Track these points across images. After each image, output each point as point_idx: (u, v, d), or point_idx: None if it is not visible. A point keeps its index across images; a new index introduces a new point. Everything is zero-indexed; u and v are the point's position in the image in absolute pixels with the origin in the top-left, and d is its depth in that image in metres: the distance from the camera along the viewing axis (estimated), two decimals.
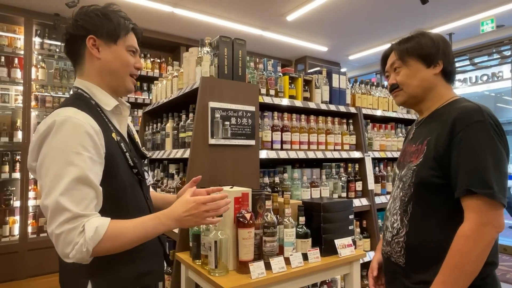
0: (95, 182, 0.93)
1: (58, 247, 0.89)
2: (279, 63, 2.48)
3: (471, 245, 0.99)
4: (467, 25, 4.78)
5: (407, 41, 1.24)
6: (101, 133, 0.99)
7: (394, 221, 1.22)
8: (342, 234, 1.70)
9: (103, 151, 0.99)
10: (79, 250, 0.87)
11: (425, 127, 1.23)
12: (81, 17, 1.07)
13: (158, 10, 4.20)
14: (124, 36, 1.11)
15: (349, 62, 6.61)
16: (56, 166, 0.90)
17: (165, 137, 2.33)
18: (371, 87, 3.12)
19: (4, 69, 4.00)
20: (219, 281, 1.30)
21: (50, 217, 0.88)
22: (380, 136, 3.01)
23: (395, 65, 1.27)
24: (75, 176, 0.90)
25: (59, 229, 0.87)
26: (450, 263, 1.01)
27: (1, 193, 3.97)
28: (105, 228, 0.90)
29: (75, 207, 0.88)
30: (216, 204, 1.05)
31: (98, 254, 0.91)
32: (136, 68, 1.15)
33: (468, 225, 1.01)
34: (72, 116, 0.94)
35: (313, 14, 4.41)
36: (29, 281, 3.80)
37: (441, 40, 1.22)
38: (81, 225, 0.88)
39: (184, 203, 1.02)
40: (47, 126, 0.93)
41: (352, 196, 2.69)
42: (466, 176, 1.01)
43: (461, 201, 1.04)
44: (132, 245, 0.97)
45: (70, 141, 0.92)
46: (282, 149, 2.29)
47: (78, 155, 0.91)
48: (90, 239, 0.88)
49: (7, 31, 4.15)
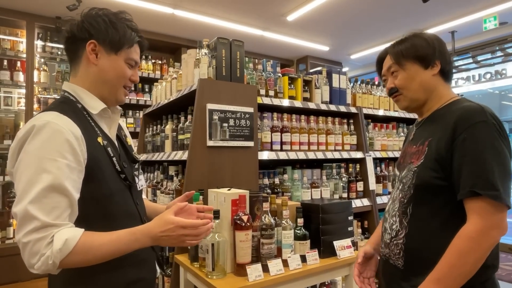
0: (70, 190, 0.89)
1: (24, 256, 0.85)
2: (278, 63, 2.47)
3: (473, 247, 0.97)
4: (470, 23, 4.74)
5: (401, 43, 1.23)
6: (83, 138, 0.95)
7: (393, 223, 1.21)
8: (341, 236, 1.68)
9: (83, 157, 0.95)
10: (45, 262, 0.84)
11: (426, 128, 1.21)
12: (88, 20, 1.04)
13: (159, 12, 4.21)
14: (127, 48, 1.08)
15: (351, 61, 6.58)
16: (30, 172, 0.87)
17: (165, 139, 2.33)
18: (372, 87, 3.10)
19: (7, 72, 4.04)
20: (216, 284, 1.30)
21: (18, 224, 0.85)
22: (382, 136, 2.99)
23: (392, 68, 1.25)
24: (48, 183, 0.86)
25: (26, 238, 0.83)
26: (448, 262, 1.00)
27: (5, 195, 4.00)
28: (75, 241, 0.86)
29: (44, 216, 0.85)
30: (197, 230, 0.98)
31: (67, 267, 0.88)
32: (131, 81, 1.12)
33: (472, 226, 0.98)
34: (51, 121, 0.91)
35: (314, 13, 4.39)
36: (33, 283, 3.83)
37: (435, 39, 1.20)
38: (49, 236, 0.85)
39: (163, 223, 0.96)
40: (26, 131, 0.90)
41: (353, 197, 2.67)
42: (470, 177, 0.99)
43: (464, 203, 1.02)
44: (104, 260, 0.92)
45: (46, 147, 0.89)
46: (282, 150, 2.28)
47: (54, 161, 0.88)
48: (58, 251, 0.84)
49: (9, 35, 4.19)
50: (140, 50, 1.16)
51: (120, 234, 0.94)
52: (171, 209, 1.00)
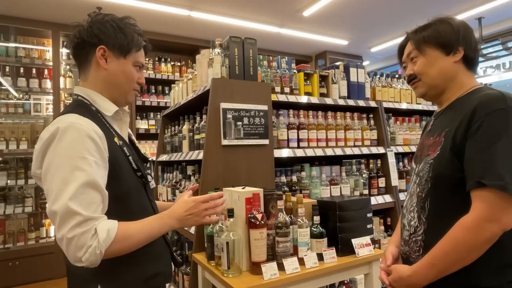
0: (101, 186, 0.95)
1: (69, 251, 0.90)
2: (293, 60, 2.44)
3: (469, 238, 0.94)
4: (498, 8, 4.48)
5: (424, 29, 1.18)
6: (104, 137, 1.00)
7: (411, 219, 1.16)
8: (360, 233, 1.64)
9: (106, 155, 1.00)
10: (93, 252, 0.89)
11: (444, 118, 1.15)
12: (97, 25, 1.08)
13: (175, 14, 4.27)
14: (135, 52, 1.12)
15: (372, 55, 6.40)
16: (63, 171, 0.92)
17: (182, 140, 2.37)
18: (392, 80, 3.00)
19: (36, 80, 4.24)
20: (231, 282, 1.30)
21: (59, 222, 0.90)
22: (404, 130, 2.89)
23: (411, 54, 1.21)
24: (83, 180, 0.91)
25: (71, 233, 0.88)
26: (443, 249, 0.98)
27: (37, 197, 4.21)
28: (115, 230, 0.93)
29: (85, 211, 0.90)
30: (214, 202, 1.12)
31: (108, 256, 0.93)
32: (138, 83, 1.17)
33: (471, 216, 0.95)
34: (74, 122, 0.96)
35: (330, 7, 4.31)
36: (65, 280, 4.00)
37: (461, 25, 1.14)
38: (92, 228, 0.90)
39: (184, 203, 1.08)
40: (51, 133, 0.95)
41: (375, 193, 2.60)
42: (479, 168, 0.94)
43: (471, 194, 0.97)
44: (139, 246, 1.00)
45: (74, 146, 0.93)
46: (299, 147, 2.25)
47: (84, 159, 0.93)
48: (104, 241, 0.90)
49: (37, 44, 4.40)
50: (144, 53, 1.20)
51: (150, 220, 1.03)
52: (186, 193, 1.13)
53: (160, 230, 1.03)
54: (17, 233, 4.01)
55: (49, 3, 3.79)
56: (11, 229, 4.01)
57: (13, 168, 3.99)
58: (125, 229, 0.96)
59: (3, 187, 3.99)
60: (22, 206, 4.01)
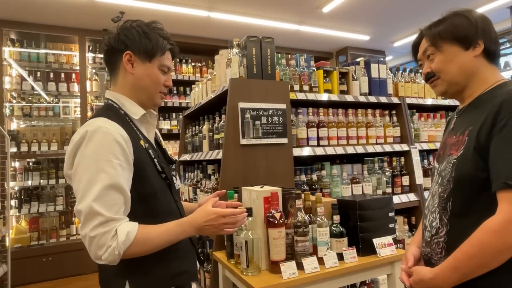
0: (125, 188, 0.99)
1: (91, 249, 0.95)
2: (312, 57, 2.41)
3: (495, 241, 0.89)
4: None
5: (439, 24, 1.12)
6: (130, 140, 1.04)
7: (432, 220, 1.12)
8: (382, 233, 1.61)
9: (131, 157, 1.04)
10: (112, 253, 0.93)
11: (467, 115, 1.10)
12: (123, 32, 1.13)
13: (195, 16, 4.33)
14: (160, 56, 1.15)
15: (395, 49, 6.22)
16: (89, 173, 0.96)
17: (203, 139, 2.40)
18: (416, 75, 2.90)
19: (64, 84, 4.44)
20: (250, 281, 1.31)
21: (84, 220, 0.95)
22: (429, 126, 2.79)
23: (428, 52, 1.15)
24: (107, 183, 0.95)
25: (93, 232, 0.93)
26: (468, 252, 0.94)
27: (68, 196, 4.41)
28: (134, 233, 0.96)
29: (107, 212, 0.94)
30: (235, 218, 1.11)
31: (126, 257, 0.97)
32: (165, 86, 1.20)
33: (498, 218, 0.90)
34: (102, 125, 1.01)
35: (350, 2, 4.22)
36: (95, 275, 4.15)
37: (479, 18, 1.09)
38: (113, 229, 0.94)
39: (205, 213, 1.08)
40: (80, 136, 1.00)
41: (399, 192, 2.53)
42: (505, 168, 0.90)
43: (497, 195, 0.92)
44: (157, 249, 1.02)
45: (101, 149, 0.98)
46: (318, 146, 2.23)
47: (109, 162, 0.97)
48: (122, 243, 0.93)
49: (64, 50, 4.60)
50: (172, 57, 1.22)
51: (170, 226, 1.05)
52: (209, 202, 1.13)
53: (178, 236, 1.06)
54: (49, 230, 4.23)
55: (75, 10, 3.95)
56: (44, 227, 4.23)
57: (45, 169, 4.21)
58: (144, 232, 0.99)
59: (36, 187, 4.21)
60: (53, 204, 4.22)
